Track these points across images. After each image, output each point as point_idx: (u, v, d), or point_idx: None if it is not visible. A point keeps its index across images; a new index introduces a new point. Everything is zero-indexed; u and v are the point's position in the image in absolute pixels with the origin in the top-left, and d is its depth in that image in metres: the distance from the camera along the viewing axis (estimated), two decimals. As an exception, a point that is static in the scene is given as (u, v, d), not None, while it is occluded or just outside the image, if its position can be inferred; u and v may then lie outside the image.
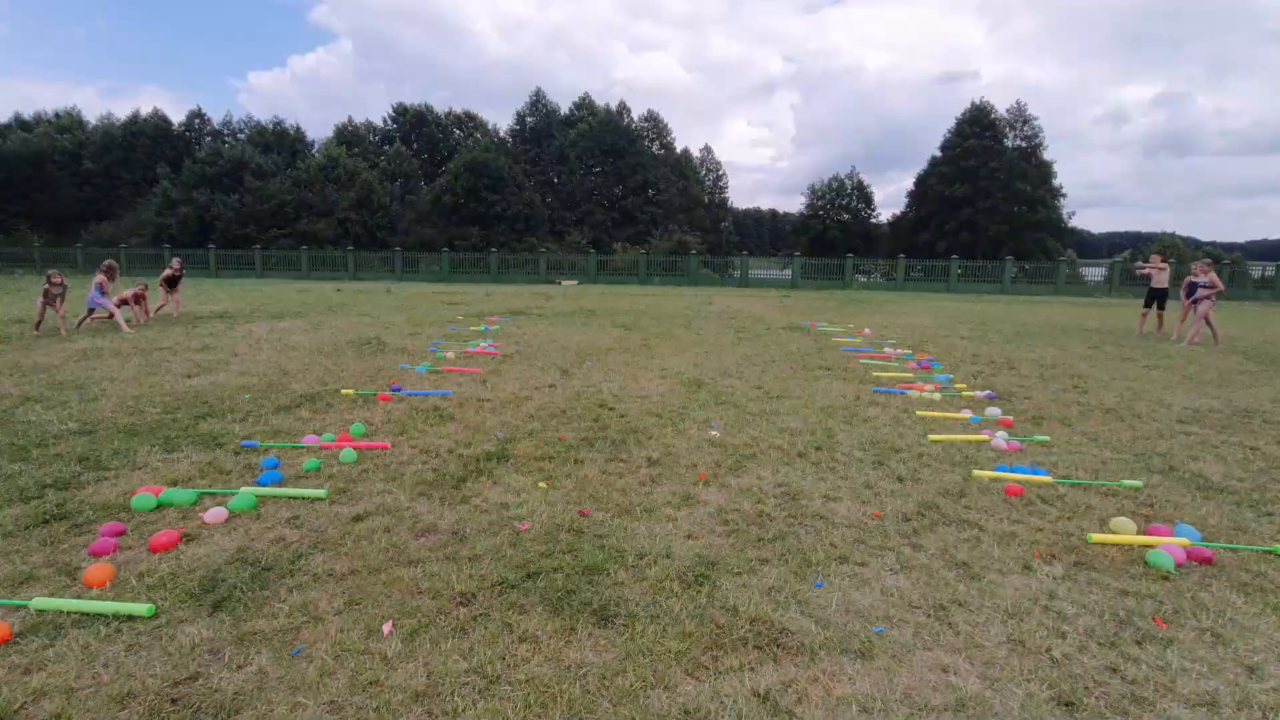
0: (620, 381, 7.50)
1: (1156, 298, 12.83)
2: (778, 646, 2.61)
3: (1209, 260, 11.43)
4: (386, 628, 2.69)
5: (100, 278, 11.51)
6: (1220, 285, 11.71)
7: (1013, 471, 4.68)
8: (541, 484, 4.31)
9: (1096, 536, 3.61)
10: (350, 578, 3.10)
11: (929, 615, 2.86)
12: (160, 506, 3.92)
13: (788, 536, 3.60)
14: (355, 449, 4.85)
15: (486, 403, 6.43)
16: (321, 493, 4.04)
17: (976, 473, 4.67)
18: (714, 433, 5.53)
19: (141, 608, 2.80)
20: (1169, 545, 3.44)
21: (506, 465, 4.66)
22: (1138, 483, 4.51)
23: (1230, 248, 47.83)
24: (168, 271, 14.02)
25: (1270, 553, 3.53)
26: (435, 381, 7.42)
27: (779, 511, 3.94)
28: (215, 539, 3.50)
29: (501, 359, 8.89)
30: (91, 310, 11.52)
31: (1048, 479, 4.54)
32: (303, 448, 4.95)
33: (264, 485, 4.20)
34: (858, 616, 2.84)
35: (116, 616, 2.78)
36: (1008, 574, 3.25)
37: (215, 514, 3.74)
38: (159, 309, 13.58)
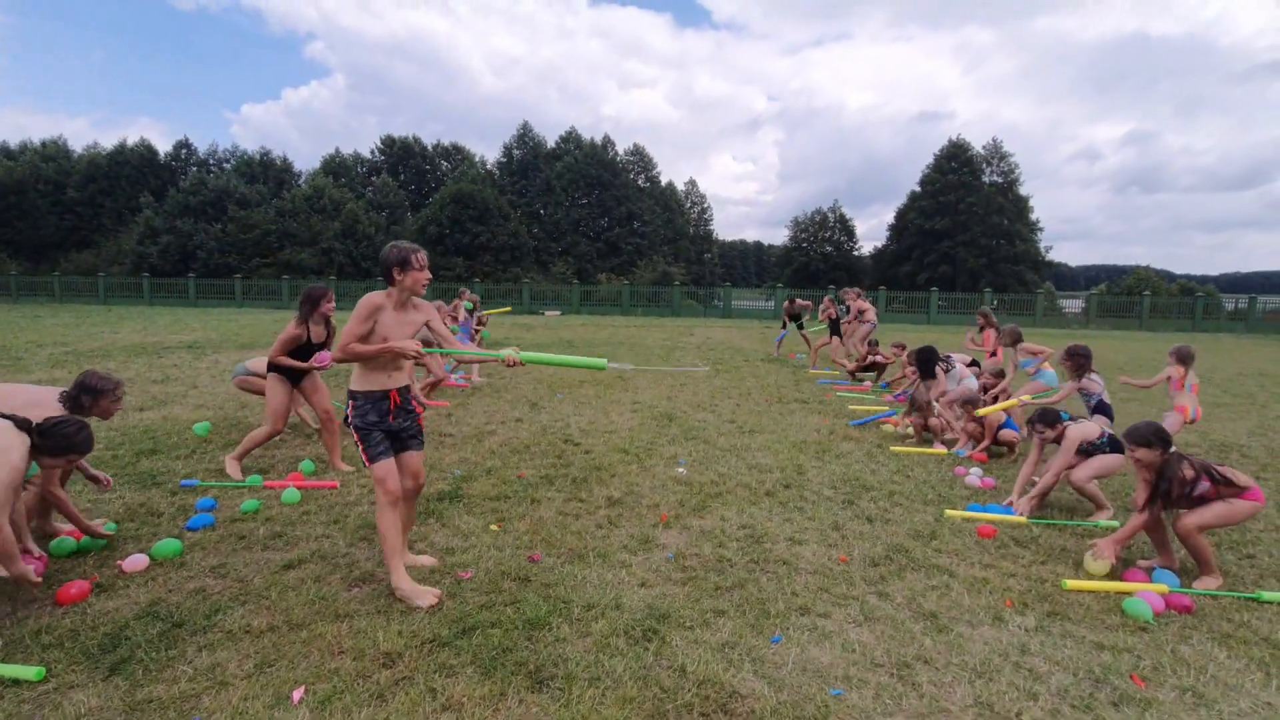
0: (590, 415, 7.30)
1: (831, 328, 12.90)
2: (725, 713, 2.39)
3: (857, 290, 12.07)
4: (296, 694, 2.44)
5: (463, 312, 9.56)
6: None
7: (986, 511, 4.51)
8: (493, 526, 4.08)
9: (1071, 583, 3.44)
10: (268, 635, 2.84)
11: (892, 674, 2.65)
12: (79, 551, 3.65)
13: (747, 584, 3.39)
14: (300, 488, 4.60)
15: (448, 438, 6.19)
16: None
17: (949, 512, 4.50)
18: (680, 470, 5.33)
19: (30, 671, 2.53)
20: (1146, 593, 3.27)
21: (459, 506, 4.43)
22: (1114, 523, 4.36)
23: (1203, 280, 48.80)
24: (461, 302, 10.22)
25: (1253, 600, 3.37)
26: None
27: (740, 556, 3.74)
28: (130, 590, 3.23)
29: (471, 391, 8.66)
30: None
31: (1022, 519, 4.38)
32: (245, 486, 4.69)
33: (195, 529, 3.94)
34: (815, 676, 2.63)
35: (1, 681, 2.51)
36: (978, 625, 3.05)
37: (135, 561, 3.47)
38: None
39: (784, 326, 13.71)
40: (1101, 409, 5.60)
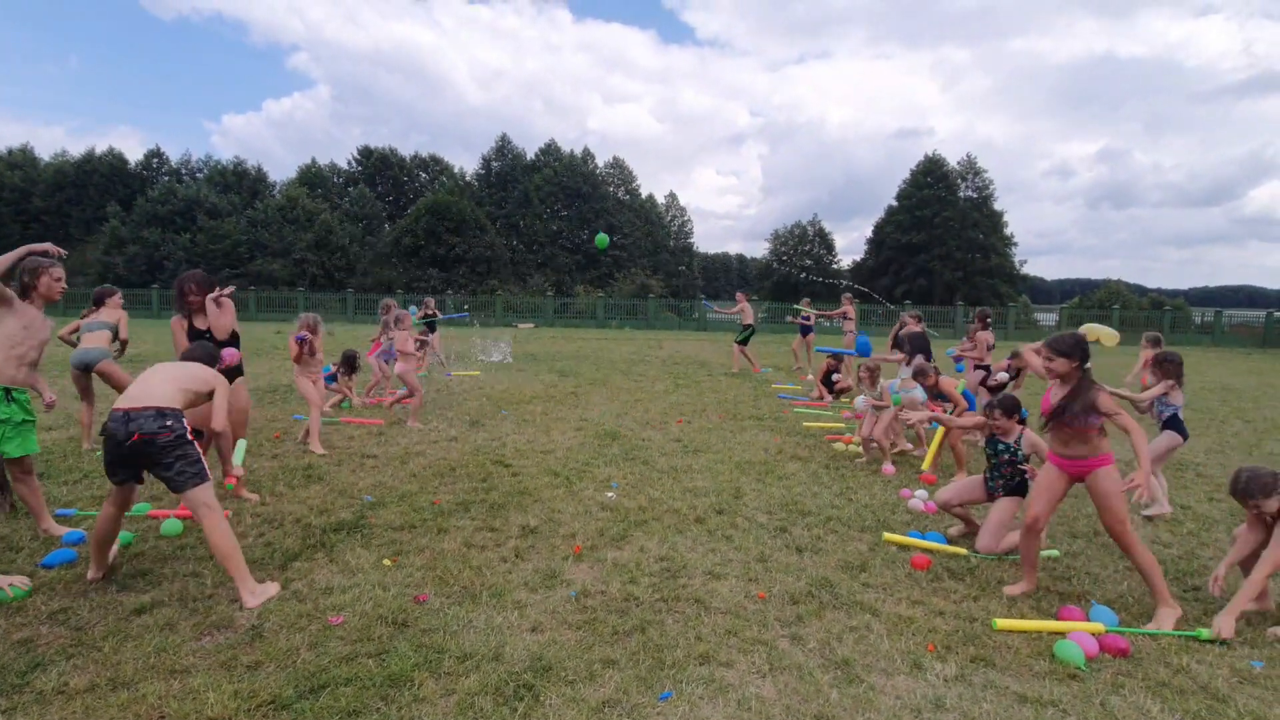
0: (530, 434, 6.97)
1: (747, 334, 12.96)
2: (583, 792, 2.08)
3: (849, 295, 12.90)
4: (83, 776, 2.09)
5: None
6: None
7: (926, 539, 4.25)
8: (386, 561, 3.73)
9: (1002, 623, 3.17)
10: (83, 696, 2.48)
11: (785, 738, 2.35)
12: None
13: (650, 627, 3.09)
14: (185, 518, 4.22)
15: (370, 460, 5.83)
16: None
17: (888, 536, 4.23)
18: (610, 494, 5.02)
19: None
20: (1079, 634, 3.01)
21: (357, 537, 4.08)
22: (1054, 551, 4.12)
23: (1174, 294, 49.70)
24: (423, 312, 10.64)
25: (1194, 638, 3.12)
26: (324, 435, 6.76)
27: (650, 594, 3.43)
28: (-51, 641, 2.85)
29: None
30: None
31: (961, 550, 4.11)
32: (128, 516, 4.29)
33: (50, 565, 3.56)
34: (698, 742, 2.32)
35: None
36: (893, 675, 2.77)
37: (-33, 606, 3.09)
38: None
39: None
40: (1174, 424, 5.19)
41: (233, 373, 4.69)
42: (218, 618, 3.07)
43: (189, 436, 3.23)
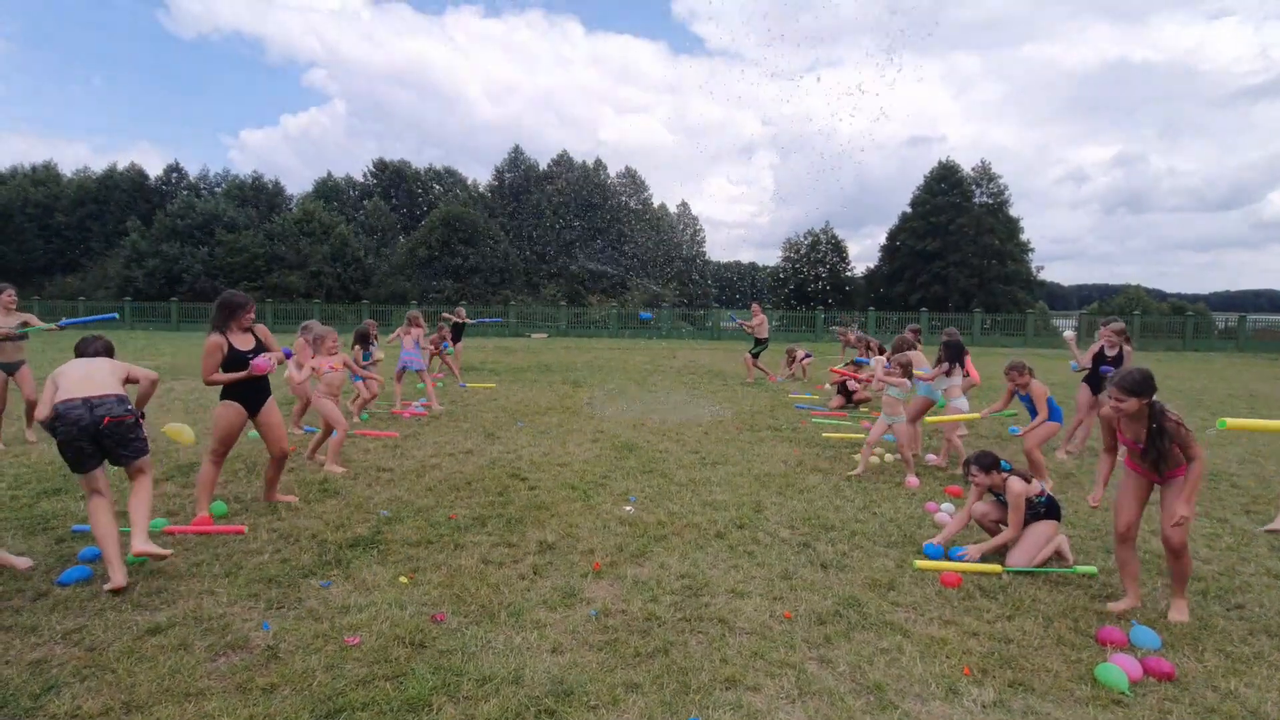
0: (546, 446, 6.90)
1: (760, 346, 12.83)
2: (609, 827, 1.99)
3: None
4: (96, 806, 2.03)
5: (415, 331, 9.21)
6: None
7: (954, 557, 4.11)
8: (403, 578, 3.67)
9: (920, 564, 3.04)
10: (98, 721, 2.44)
11: (818, 769, 2.26)
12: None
13: (673, 648, 3.00)
14: (203, 533, 4.19)
15: (385, 473, 5.79)
16: None
17: (919, 564, 4.03)
18: (628, 509, 4.94)
19: None
20: (1122, 658, 2.89)
21: (373, 553, 4.02)
22: (1092, 568, 3.97)
23: (1194, 299, 48.96)
24: (454, 320, 12.04)
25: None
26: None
27: (672, 613, 3.34)
28: (-36, 662, 2.81)
29: (427, 420, 8.26)
30: (403, 371, 9.17)
31: (997, 568, 3.97)
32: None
33: (66, 583, 3.53)
34: (728, 772, 2.23)
35: None
36: (927, 700, 2.66)
37: (-18, 626, 3.07)
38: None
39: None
40: None
41: (260, 393, 4.66)
42: (233, 637, 3.02)
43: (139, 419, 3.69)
